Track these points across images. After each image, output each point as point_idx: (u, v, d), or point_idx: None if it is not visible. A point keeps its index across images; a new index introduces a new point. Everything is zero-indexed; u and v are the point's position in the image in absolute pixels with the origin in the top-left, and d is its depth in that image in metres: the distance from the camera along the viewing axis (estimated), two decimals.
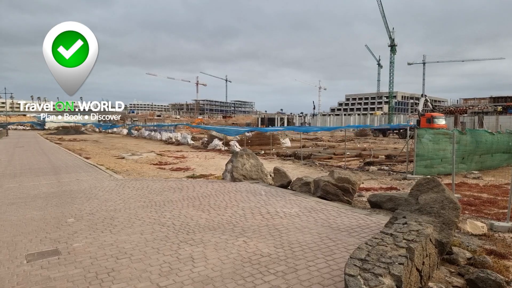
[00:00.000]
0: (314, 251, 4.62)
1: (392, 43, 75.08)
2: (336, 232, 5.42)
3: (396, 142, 30.39)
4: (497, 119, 51.96)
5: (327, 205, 7.11)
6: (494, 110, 67.19)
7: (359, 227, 5.68)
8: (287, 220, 6.05)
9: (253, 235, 5.30)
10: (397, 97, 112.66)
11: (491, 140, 13.26)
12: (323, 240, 5.06)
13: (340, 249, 4.71)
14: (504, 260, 4.70)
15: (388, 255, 3.53)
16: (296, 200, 7.54)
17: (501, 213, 7.20)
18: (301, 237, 5.16)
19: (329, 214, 6.44)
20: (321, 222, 5.92)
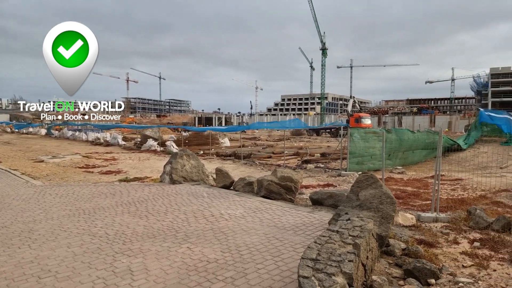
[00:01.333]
0: (262, 253, 4.51)
1: (323, 47, 79.26)
2: (282, 231, 5.39)
3: (329, 141, 32.11)
4: (413, 119, 58.21)
5: (271, 204, 7.10)
6: (410, 111, 75.08)
7: (304, 225, 5.73)
8: (232, 222, 5.87)
9: (197, 240, 5.02)
10: (328, 98, 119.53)
11: (412, 138, 14.64)
12: (270, 240, 4.98)
13: (287, 248, 4.67)
14: (432, 249, 5.08)
15: (338, 253, 3.55)
16: (240, 201, 7.40)
17: (424, 205, 7.86)
18: (248, 239, 5.02)
19: (274, 213, 6.41)
20: (266, 222, 5.86)
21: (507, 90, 74.44)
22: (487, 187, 9.36)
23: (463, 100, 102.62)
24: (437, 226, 6.10)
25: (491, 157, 13.61)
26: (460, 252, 4.88)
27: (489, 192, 8.92)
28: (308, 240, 4.92)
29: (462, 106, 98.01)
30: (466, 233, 5.67)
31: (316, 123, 75.46)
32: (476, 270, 4.28)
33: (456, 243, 5.28)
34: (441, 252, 4.93)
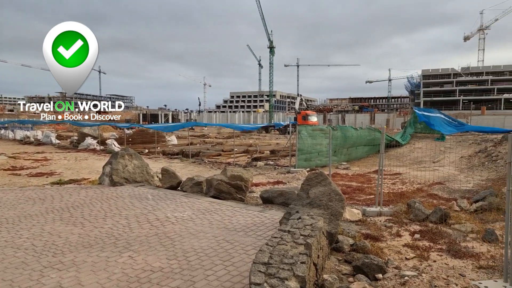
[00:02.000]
0: (212, 258, 4.27)
1: (271, 45, 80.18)
2: (233, 233, 5.20)
3: (278, 138, 32.63)
4: (355, 117, 61.56)
5: (221, 204, 6.86)
6: (352, 109, 79.36)
7: (255, 225, 5.59)
8: (179, 226, 5.53)
9: (140, 247, 4.62)
10: (276, 96, 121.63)
11: (356, 135, 15.33)
12: (220, 243, 4.76)
13: (238, 251, 4.48)
14: (378, 242, 5.23)
15: (290, 255, 3.44)
16: (188, 202, 7.05)
17: (368, 199, 8.18)
18: (197, 243, 4.75)
19: (224, 214, 6.19)
20: (216, 224, 5.61)
21: (436, 90, 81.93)
22: (422, 181, 10.04)
23: (399, 99, 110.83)
24: (381, 220, 6.33)
25: (425, 152, 14.73)
26: (403, 245, 5.07)
27: (425, 185, 9.58)
28: (259, 241, 4.79)
29: (398, 105, 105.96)
30: (407, 225, 5.95)
31: (265, 120, 76.48)
32: (418, 261, 4.45)
33: (398, 236, 5.49)
34: (386, 245, 5.08)
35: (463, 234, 5.32)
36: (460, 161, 13.03)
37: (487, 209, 6.35)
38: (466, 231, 5.41)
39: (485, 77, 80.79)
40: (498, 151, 11.94)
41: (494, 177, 9.90)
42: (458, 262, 4.37)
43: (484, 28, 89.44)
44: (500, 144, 12.75)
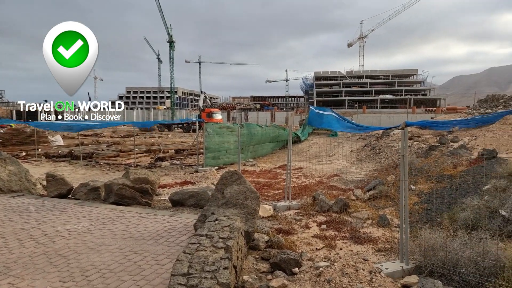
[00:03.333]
0: (118, 273, 3.76)
1: (170, 39, 77.12)
2: (141, 242, 4.70)
3: (182, 136, 31.67)
4: (258, 115, 64.04)
5: (125, 211, 6.18)
6: (255, 107, 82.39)
7: (166, 231, 5.18)
8: (74, 240, 4.76)
9: (24, 271, 3.80)
10: (178, 93, 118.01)
11: (261, 132, 15.82)
12: (127, 256, 4.24)
13: (149, 262, 4.06)
14: (290, 236, 5.40)
15: (211, 261, 3.24)
16: (83, 212, 6.16)
17: (276, 194, 8.48)
18: (98, 259, 4.13)
19: (129, 222, 5.58)
20: (120, 234, 5.01)
21: (326, 91, 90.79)
22: (322, 174, 10.90)
23: (295, 98, 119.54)
24: (290, 214, 6.58)
25: (322, 147, 16.10)
26: (312, 236, 5.34)
27: (324, 177, 10.41)
28: (172, 249, 4.43)
29: (295, 104, 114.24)
30: (314, 217, 6.31)
31: (167, 117, 73.61)
32: (327, 251, 4.73)
33: (308, 227, 5.77)
34: (298, 238, 5.27)
35: (362, 221, 5.88)
36: (351, 155, 14.63)
37: (378, 197, 7.19)
38: (364, 218, 6.00)
39: (365, 80, 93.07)
40: (380, 145, 13.79)
41: (379, 167, 11.38)
42: (360, 248, 4.79)
43: (364, 36, 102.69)
44: (381, 138, 14.77)
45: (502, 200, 5.07)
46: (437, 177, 8.08)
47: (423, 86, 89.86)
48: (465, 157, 9.47)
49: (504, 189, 5.69)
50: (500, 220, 4.70)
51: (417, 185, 7.91)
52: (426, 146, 12.22)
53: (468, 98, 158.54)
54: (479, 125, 15.19)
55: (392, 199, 7.04)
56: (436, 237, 4.03)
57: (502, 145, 11.12)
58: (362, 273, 3.61)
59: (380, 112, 61.89)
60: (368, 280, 3.49)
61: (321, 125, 20.45)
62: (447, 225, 5.10)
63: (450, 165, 9.00)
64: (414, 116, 47.67)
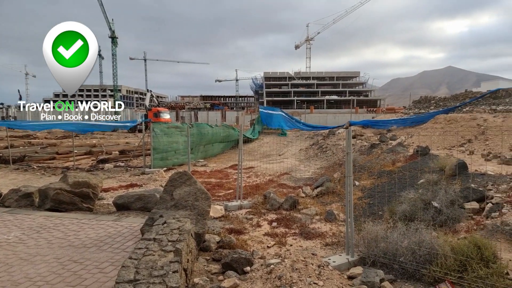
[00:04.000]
0: (55, 285, 3.47)
1: (112, 35, 73.16)
2: (82, 250, 4.38)
3: (127, 137, 30.23)
4: (208, 114, 63.30)
5: (63, 218, 5.72)
6: (204, 107, 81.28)
7: (110, 237, 4.89)
8: (4, 252, 4.30)
9: None
10: (122, 91, 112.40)
11: (212, 132, 15.63)
12: (66, 266, 3.92)
13: (91, 271, 3.79)
14: (242, 235, 5.39)
15: (159, 265, 3.11)
16: (14, 220, 5.59)
17: (228, 194, 8.43)
18: (32, 271, 3.77)
19: (68, 229, 5.17)
20: (58, 243, 4.62)
21: (276, 91, 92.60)
22: (272, 172, 11.06)
23: (246, 98, 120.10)
24: (242, 213, 6.58)
25: (272, 146, 16.36)
26: (264, 234, 5.39)
27: (275, 176, 10.57)
28: (118, 255, 4.19)
29: (245, 103, 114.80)
30: (265, 215, 6.37)
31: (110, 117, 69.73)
32: (278, 248, 4.80)
33: (259, 226, 5.81)
34: (249, 237, 5.29)
35: (310, 217, 6.07)
36: (300, 153, 15.05)
37: (325, 193, 7.48)
38: (312, 214, 6.19)
39: (311, 81, 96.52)
40: (327, 144, 14.38)
41: (326, 165, 11.84)
42: (309, 243, 4.93)
43: (310, 39, 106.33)
44: (328, 137, 15.41)
45: (434, 192, 5.53)
46: (378, 173, 8.62)
47: (365, 87, 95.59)
48: (402, 154, 10.22)
49: (436, 182, 6.23)
50: (433, 211, 5.13)
51: (361, 181, 8.38)
52: (368, 144, 12.99)
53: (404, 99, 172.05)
54: (414, 124, 16.57)
55: (338, 195, 7.36)
56: (378, 229, 4.27)
57: (433, 142, 12.21)
58: (311, 268, 3.71)
59: (327, 112, 64.64)
60: (316, 274, 3.60)
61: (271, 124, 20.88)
62: (388, 218, 5.46)
63: (390, 161, 9.66)
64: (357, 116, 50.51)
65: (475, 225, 4.78)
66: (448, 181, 6.32)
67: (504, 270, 3.42)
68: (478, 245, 3.60)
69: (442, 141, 12.24)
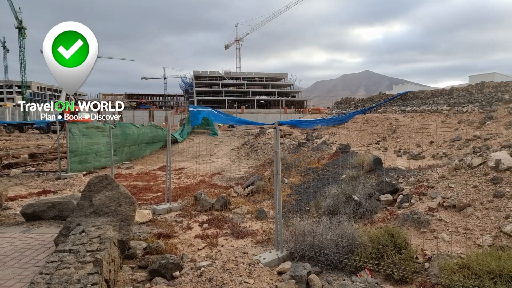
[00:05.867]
0: None
1: (20, 25, 65.09)
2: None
3: (39, 138, 27.12)
4: (134, 114, 59.95)
5: None
6: (130, 106, 76.76)
7: (17, 250, 4.30)
8: None
9: None
10: (32, 88, 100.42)
11: (138, 133, 14.77)
12: None
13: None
14: (171, 239, 5.19)
15: (76, 278, 2.83)
16: None
17: (156, 197, 8.07)
18: None
19: None
20: None
21: (206, 90, 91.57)
22: (204, 173, 10.89)
23: (175, 97, 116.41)
24: (171, 216, 6.34)
25: (203, 146, 16.10)
26: (194, 236, 5.26)
27: (206, 176, 10.42)
28: (26, 271, 3.71)
29: (175, 102, 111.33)
30: (196, 217, 6.23)
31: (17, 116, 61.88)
32: (209, 250, 4.73)
33: (189, 228, 5.66)
34: (179, 240, 5.12)
35: (242, 216, 6.10)
36: (231, 153, 15.07)
37: (256, 192, 7.59)
38: (244, 213, 6.23)
39: (242, 81, 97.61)
40: (257, 143, 14.63)
41: (257, 164, 12.04)
42: (241, 242, 4.94)
43: (239, 39, 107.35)
44: (258, 136, 15.69)
45: (354, 187, 5.98)
46: (305, 170, 9.05)
47: (292, 88, 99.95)
48: (326, 152, 10.89)
49: (355, 177, 6.75)
50: (353, 204, 5.54)
51: (289, 178, 8.70)
52: (296, 143, 13.56)
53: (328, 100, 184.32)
54: (336, 124, 17.80)
55: (268, 193, 7.53)
56: (305, 224, 4.47)
57: (353, 141, 13.25)
58: (242, 267, 3.71)
59: (257, 112, 66.10)
60: (247, 272, 3.61)
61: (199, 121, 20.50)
62: (314, 213, 5.75)
63: (316, 159, 10.21)
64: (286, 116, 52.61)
65: (389, 215, 5.26)
66: (366, 176, 6.89)
67: (414, 255, 3.83)
68: (392, 234, 3.98)
69: (360, 139, 13.35)
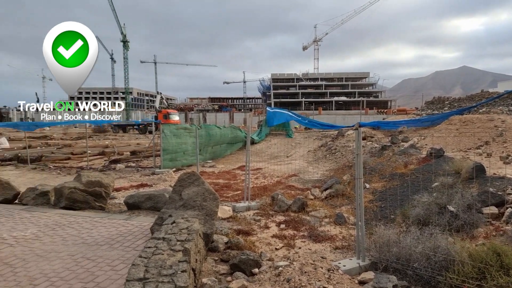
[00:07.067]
0: (69, 281, 3.54)
1: (124, 39, 74.31)
2: (95, 248, 4.47)
3: (138, 138, 30.57)
4: (216, 116, 63.62)
5: (77, 216, 5.84)
6: (213, 108, 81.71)
7: (121, 235, 4.96)
8: (21, 248, 4.41)
9: None
10: (133, 93, 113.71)
11: (219, 133, 15.71)
12: (79, 262, 4.00)
13: (103, 269, 3.86)
14: (249, 237, 5.40)
15: (168, 264, 3.16)
16: (31, 218, 5.73)
17: (236, 195, 8.45)
18: (48, 267, 3.86)
19: (81, 227, 5.28)
20: (72, 240, 4.72)
21: (283, 92, 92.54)
22: (280, 174, 11.06)
23: (253, 99, 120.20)
24: (250, 214, 6.58)
25: (280, 148, 16.34)
26: (272, 236, 5.38)
27: (283, 177, 10.56)
28: (128, 254, 4.26)
29: (253, 105, 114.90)
30: (273, 217, 6.37)
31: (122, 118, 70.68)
32: (286, 250, 4.79)
33: (267, 227, 5.82)
34: (257, 238, 5.29)
35: (319, 220, 6.05)
36: (308, 155, 15.00)
37: (335, 195, 7.44)
38: (321, 217, 6.17)
39: (320, 82, 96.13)
40: (336, 145, 14.30)
41: (335, 167, 11.78)
42: (318, 246, 4.91)
43: (318, 40, 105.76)
44: (337, 139, 15.32)
45: (449, 196, 5.42)
46: (389, 175, 8.54)
47: (375, 88, 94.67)
48: (415, 156, 10.09)
49: (451, 186, 6.11)
50: (448, 215, 4.99)
51: (372, 184, 8.31)
52: (379, 145, 12.88)
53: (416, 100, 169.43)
54: (427, 125, 16.32)
55: (348, 198, 7.32)
56: (390, 233, 4.20)
57: (448, 144, 12.02)
58: (320, 271, 3.70)
59: (335, 113, 64.27)
60: (326, 278, 3.58)
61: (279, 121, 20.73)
62: (400, 222, 5.38)
63: (402, 163, 9.54)
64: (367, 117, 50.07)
65: (494, 230, 4.66)
66: (464, 185, 6.20)
67: None
68: (498, 252, 3.48)
69: (457, 143, 12.03)
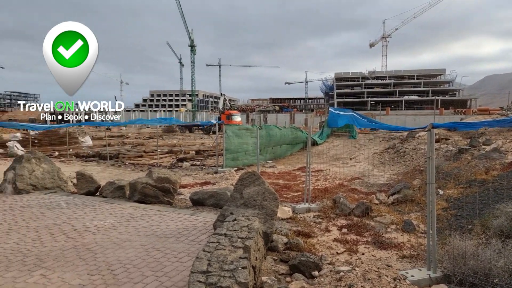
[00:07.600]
0: (141, 269, 3.85)
1: (192, 44, 78.45)
2: (163, 240, 4.80)
3: (202, 138, 32.06)
4: (277, 117, 64.00)
5: (148, 209, 6.34)
6: (274, 109, 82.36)
7: (186, 229, 5.26)
8: (101, 236, 4.93)
9: (55, 263, 3.97)
10: (199, 95, 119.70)
11: (280, 134, 15.77)
12: (150, 252, 4.34)
13: (170, 259, 4.13)
14: (309, 239, 5.33)
15: (230, 260, 3.26)
16: (109, 209, 6.37)
17: (296, 196, 8.40)
18: (123, 254, 4.26)
19: (152, 220, 5.72)
20: (143, 231, 5.14)
21: (347, 92, 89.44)
22: (342, 176, 10.72)
23: (315, 100, 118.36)
24: (310, 216, 6.49)
25: (342, 149, 15.85)
26: (333, 239, 5.25)
27: (345, 180, 10.23)
28: (192, 247, 4.50)
29: (315, 105, 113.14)
30: (335, 220, 6.20)
31: (188, 119, 74.89)
32: (348, 255, 4.63)
33: (328, 231, 5.68)
34: (317, 241, 5.20)
35: (385, 226, 5.74)
36: (373, 157, 14.32)
37: (403, 201, 7.00)
38: (387, 223, 5.85)
39: (388, 80, 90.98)
40: (405, 147, 13.43)
41: (403, 171, 11.08)
42: (383, 253, 4.66)
43: (387, 36, 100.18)
44: (406, 140, 14.38)
45: None
46: (467, 181, 7.76)
47: (452, 86, 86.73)
48: (498, 161, 9.01)
49: None
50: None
51: (446, 190, 7.63)
52: (455, 148, 11.77)
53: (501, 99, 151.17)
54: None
55: (418, 204, 6.84)
56: (467, 245, 3.84)
57: None
58: (385, 280, 3.52)
59: (405, 113, 60.31)
60: (392, 287, 3.40)
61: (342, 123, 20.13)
62: (479, 233, 4.87)
63: (482, 169, 8.60)
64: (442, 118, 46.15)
65: None
66: None
67: None
68: None
69: None
